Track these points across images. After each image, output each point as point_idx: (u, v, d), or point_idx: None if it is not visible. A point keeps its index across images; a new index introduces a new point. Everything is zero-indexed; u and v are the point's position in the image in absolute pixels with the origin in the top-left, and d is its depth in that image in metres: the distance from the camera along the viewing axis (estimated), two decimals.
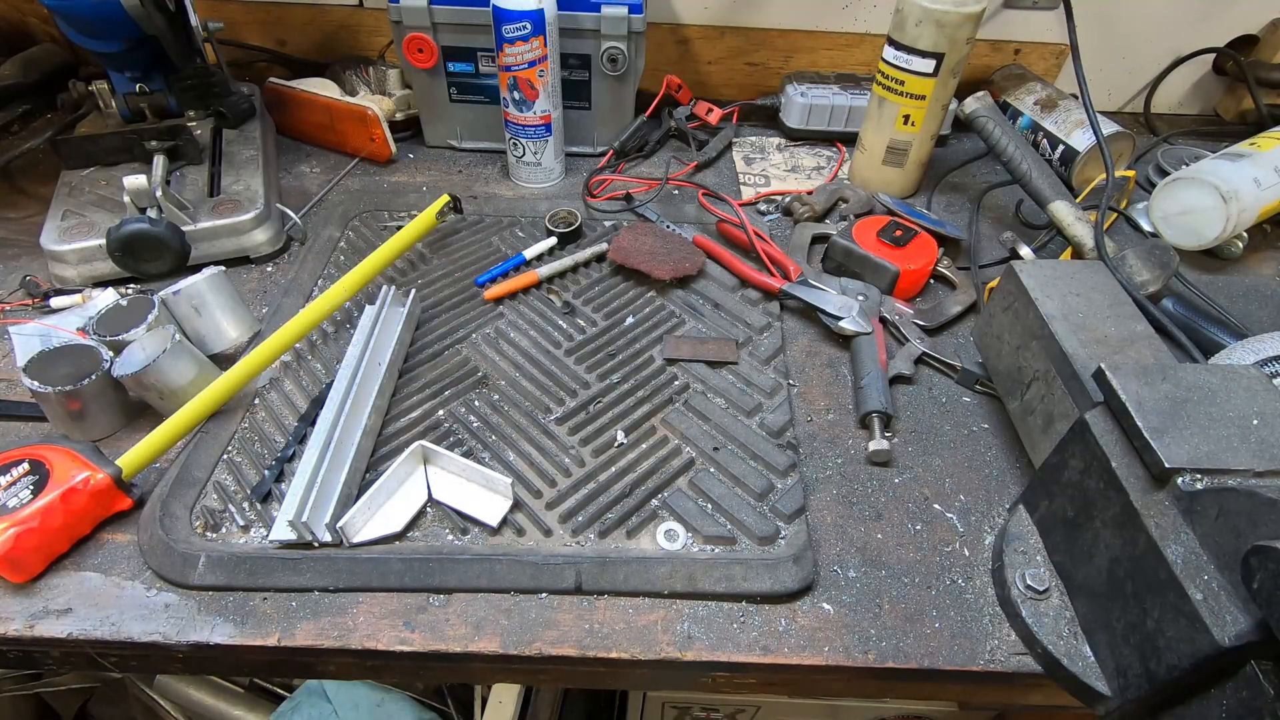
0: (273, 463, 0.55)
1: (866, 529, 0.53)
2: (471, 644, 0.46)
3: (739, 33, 0.99)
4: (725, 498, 0.53)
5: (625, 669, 0.47)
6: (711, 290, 0.71)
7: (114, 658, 0.47)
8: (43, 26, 0.99)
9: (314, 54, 1.01)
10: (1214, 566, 0.36)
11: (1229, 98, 1.04)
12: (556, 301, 0.70)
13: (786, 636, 0.47)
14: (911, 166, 0.83)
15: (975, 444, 0.60)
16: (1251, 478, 0.38)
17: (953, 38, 0.72)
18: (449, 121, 0.90)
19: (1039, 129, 0.90)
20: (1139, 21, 0.98)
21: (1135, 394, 0.42)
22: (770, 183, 0.89)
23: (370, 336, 0.60)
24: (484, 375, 0.62)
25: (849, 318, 0.66)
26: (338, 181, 0.85)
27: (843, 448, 0.59)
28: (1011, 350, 0.56)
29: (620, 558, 0.50)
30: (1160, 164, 0.89)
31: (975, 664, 0.46)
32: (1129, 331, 0.51)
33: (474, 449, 0.57)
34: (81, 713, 1.12)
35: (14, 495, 0.47)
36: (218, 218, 0.71)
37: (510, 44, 0.74)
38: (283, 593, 0.48)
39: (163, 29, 0.73)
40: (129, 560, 0.49)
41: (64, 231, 0.68)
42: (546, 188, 0.86)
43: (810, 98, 0.93)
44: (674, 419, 0.59)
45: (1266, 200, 0.75)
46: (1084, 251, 0.68)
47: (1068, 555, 0.46)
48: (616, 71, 0.84)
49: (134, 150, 0.76)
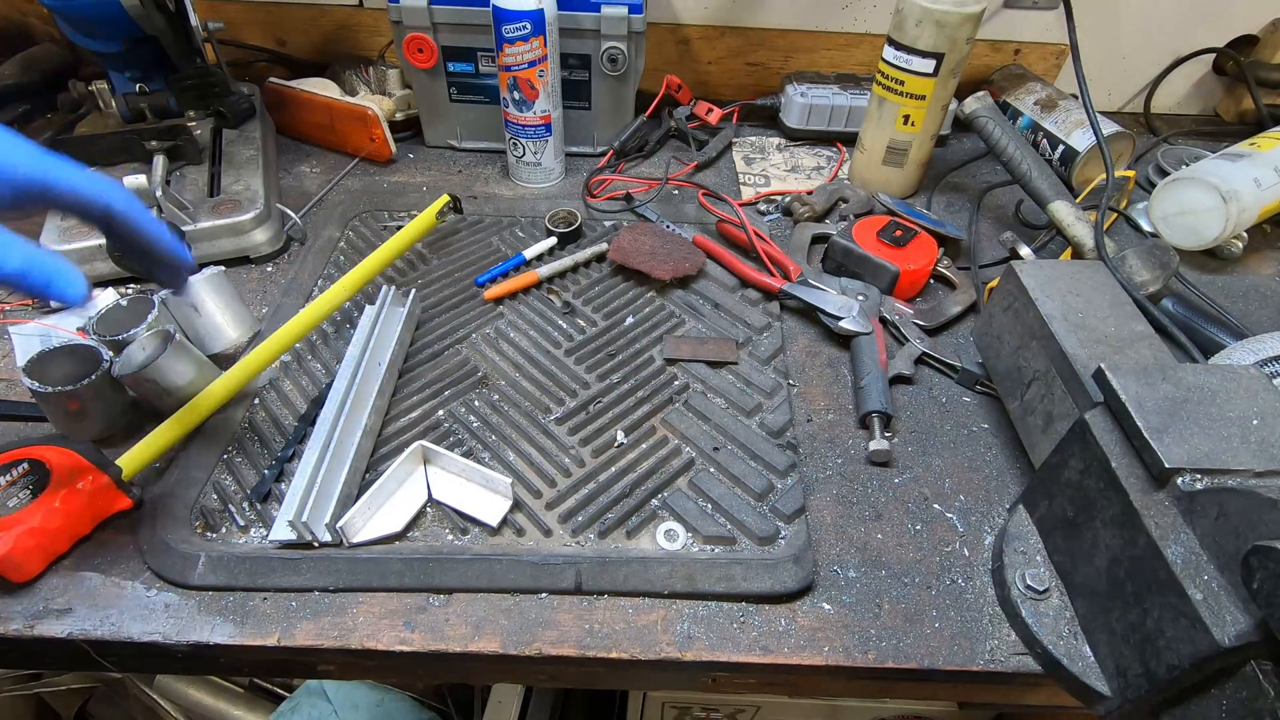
0: (272, 463, 0.55)
1: (866, 529, 0.53)
2: (471, 644, 0.46)
3: (739, 33, 0.99)
4: (725, 498, 0.53)
5: (625, 669, 0.47)
6: (711, 290, 0.71)
7: (114, 658, 0.47)
8: (43, 26, 0.99)
9: (314, 54, 1.01)
10: (1214, 566, 0.36)
11: (1229, 98, 1.04)
12: (556, 301, 0.70)
13: (786, 636, 0.47)
14: (911, 166, 0.83)
15: (975, 444, 0.60)
16: (1251, 478, 0.38)
17: (953, 38, 0.72)
18: (449, 121, 0.90)
19: (1039, 129, 0.90)
20: (1139, 21, 0.98)
21: (1135, 394, 0.42)
22: (770, 183, 0.89)
23: (370, 336, 0.60)
24: (484, 375, 0.62)
25: (849, 318, 0.66)
26: (338, 181, 0.85)
27: (843, 448, 0.59)
28: (1011, 350, 0.56)
29: (620, 558, 0.50)
30: (1160, 164, 0.89)
31: (975, 664, 0.46)
32: (1129, 331, 0.51)
33: (474, 449, 0.57)
34: (81, 713, 1.12)
35: (14, 495, 0.47)
36: (218, 218, 0.71)
37: (510, 44, 0.74)
38: (283, 593, 0.48)
39: (163, 29, 0.73)
40: (129, 560, 0.49)
41: (64, 231, 0.68)
42: (546, 188, 0.86)
43: (810, 98, 0.93)
44: (674, 419, 0.59)
45: (1266, 200, 0.75)
46: (1084, 251, 0.68)
47: (1068, 555, 0.46)
48: (616, 71, 0.84)
49: (134, 150, 0.76)
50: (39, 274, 0.38)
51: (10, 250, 0.37)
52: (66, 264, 0.39)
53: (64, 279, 0.39)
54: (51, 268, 0.39)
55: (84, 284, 0.40)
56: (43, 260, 0.38)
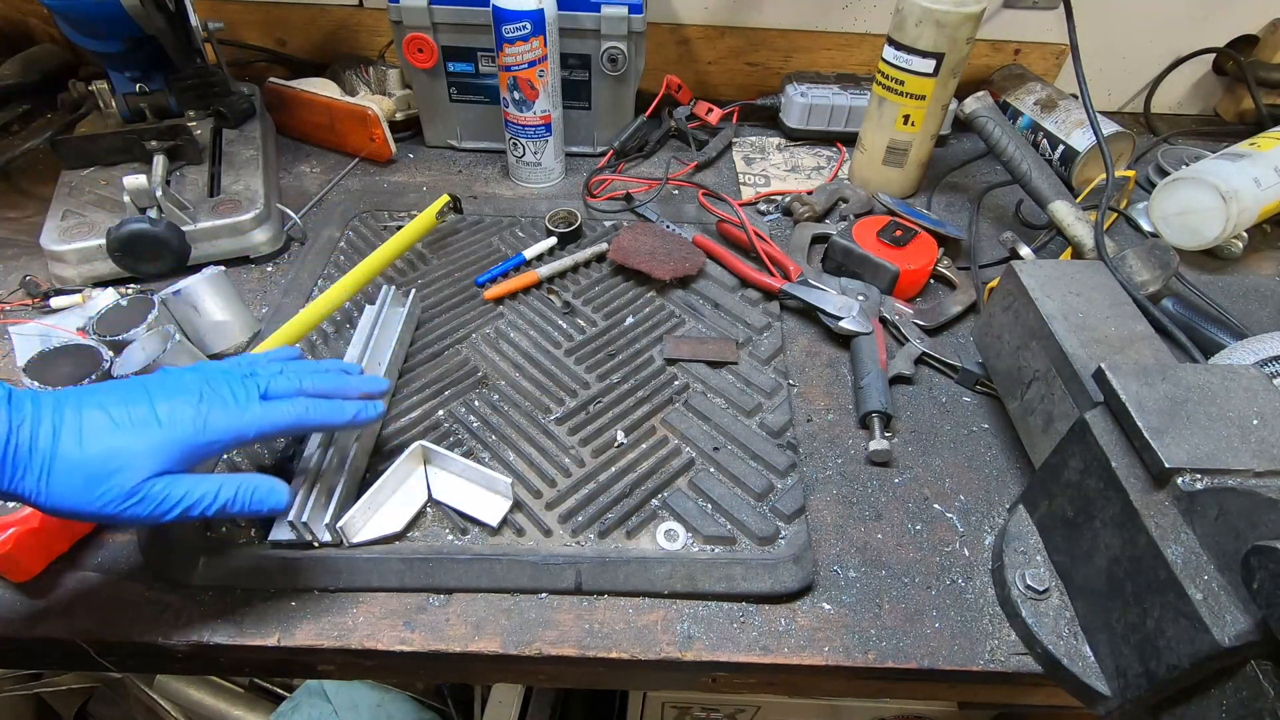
0: (273, 463, 0.55)
1: (866, 529, 0.53)
2: (471, 644, 0.46)
3: (739, 33, 0.99)
4: (725, 498, 0.53)
5: (625, 669, 0.47)
6: (711, 290, 0.71)
7: (114, 658, 0.47)
8: (43, 26, 0.99)
9: (314, 54, 1.01)
10: (1214, 566, 0.36)
11: (1229, 98, 1.04)
12: (556, 301, 0.70)
13: (786, 636, 0.47)
14: (911, 166, 0.83)
15: (975, 444, 0.60)
16: (1251, 478, 0.38)
17: (953, 38, 0.72)
18: (449, 121, 0.90)
19: (1039, 129, 0.90)
20: (1139, 21, 0.98)
21: (1135, 394, 0.42)
22: (770, 183, 0.89)
23: (370, 336, 0.60)
24: (484, 375, 0.62)
25: (849, 318, 0.66)
26: (338, 181, 0.85)
27: (843, 448, 0.59)
28: (1011, 350, 0.56)
29: (620, 558, 0.50)
30: (1160, 164, 0.89)
31: (975, 664, 0.46)
32: (1129, 331, 0.51)
33: (474, 449, 0.57)
34: (81, 713, 1.12)
35: None
36: (218, 218, 0.71)
37: (510, 44, 0.74)
38: (283, 593, 0.48)
39: (163, 29, 0.73)
40: (129, 560, 0.49)
41: (64, 231, 0.68)
42: (546, 188, 0.86)
43: (810, 98, 0.93)
44: (674, 419, 0.59)
45: (1266, 200, 0.75)
46: (1084, 251, 0.68)
47: (1068, 555, 0.46)
48: (616, 71, 0.84)
49: (134, 150, 0.76)
50: (245, 495, 0.43)
51: (225, 486, 0.42)
52: (265, 479, 0.45)
53: (270, 494, 0.44)
54: (258, 486, 0.44)
55: (284, 489, 0.45)
56: (249, 482, 0.44)
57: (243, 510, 0.43)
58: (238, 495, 0.43)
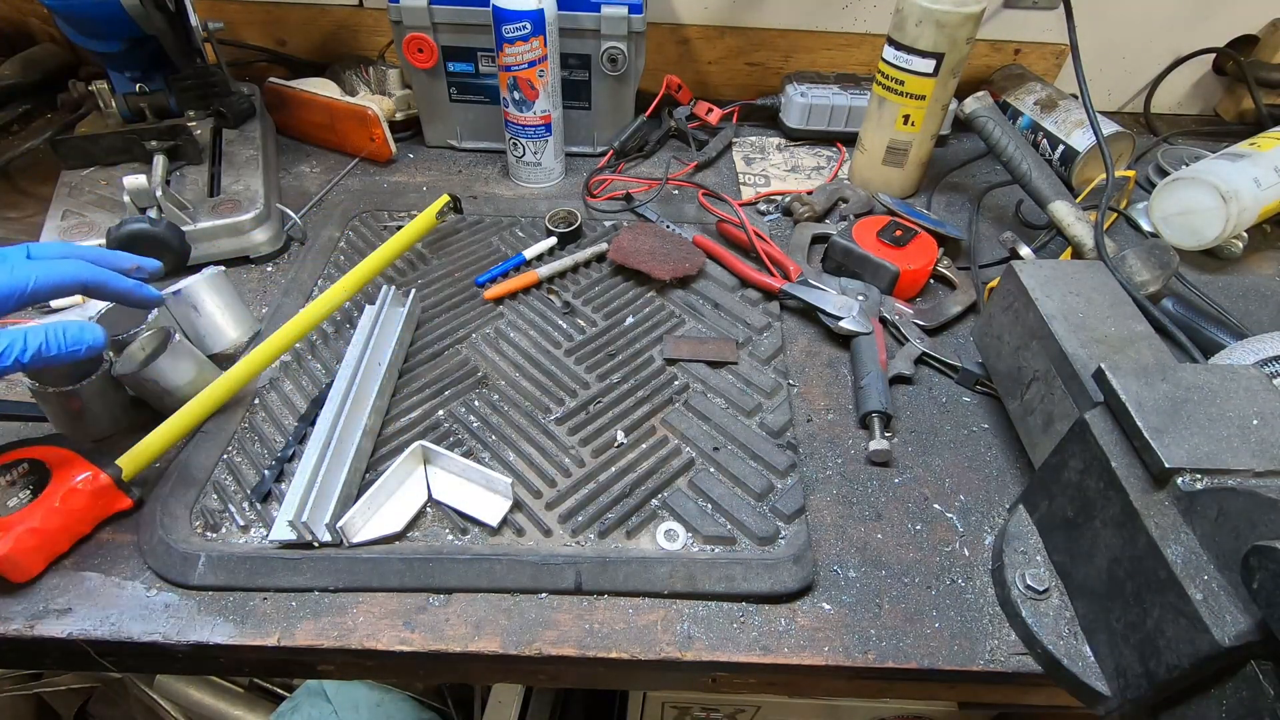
0: (272, 463, 0.55)
1: (866, 529, 0.53)
2: (471, 644, 0.46)
3: (739, 33, 0.99)
4: (725, 498, 0.53)
5: (625, 669, 0.47)
6: (711, 290, 0.71)
7: (114, 658, 0.47)
8: (43, 26, 0.99)
9: (314, 54, 1.01)
10: (1214, 566, 0.36)
11: (1229, 98, 1.04)
12: (556, 301, 0.70)
13: (786, 636, 0.47)
14: (911, 166, 0.83)
15: (975, 444, 0.60)
16: (1251, 478, 0.38)
17: (953, 38, 0.72)
18: (449, 121, 0.90)
19: (1039, 129, 0.90)
20: (1139, 21, 0.98)
21: (1135, 394, 0.42)
22: (770, 183, 0.89)
23: (370, 337, 0.60)
24: (484, 375, 0.62)
25: (849, 318, 0.66)
26: (338, 181, 0.85)
27: (843, 448, 0.59)
28: (1011, 350, 0.56)
29: (620, 558, 0.50)
30: (1160, 164, 0.89)
31: (975, 664, 0.46)
32: (1129, 331, 0.51)
33: (474, 449, 0.57)
34: (81, 713, 1.12)
35: (14, 495, 0.47)
36: (218, 218, 0.71)
37: (510, 44, 0.74)
38: (283, 593, 0.48)
39: (163, 29, 0.73)
40: (129, 560, 0.49)
41: (64, 231, 0.68)
42: (546, 188, 0.86)
43: (810, 98, 0.93)
44: (674, 419, 0.59)
45: (1266, 200, 0.75)
46: (1084, 251, 0.68)
47: (1068, 555, 0.46)
48: (616, 71, 0.84)
49: (134, 150, 0.76)
50: (56, 338, 0.44)
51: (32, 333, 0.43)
52: (75, 321, 0.45)
53: (84, 331, 0.45)
54: (68, 327, 0.44)
55: (99, 329, 0.46)
56: (58, 325, 0.44)
57: (60, 353, 0.44)
58: (48, 339, 0.43)
